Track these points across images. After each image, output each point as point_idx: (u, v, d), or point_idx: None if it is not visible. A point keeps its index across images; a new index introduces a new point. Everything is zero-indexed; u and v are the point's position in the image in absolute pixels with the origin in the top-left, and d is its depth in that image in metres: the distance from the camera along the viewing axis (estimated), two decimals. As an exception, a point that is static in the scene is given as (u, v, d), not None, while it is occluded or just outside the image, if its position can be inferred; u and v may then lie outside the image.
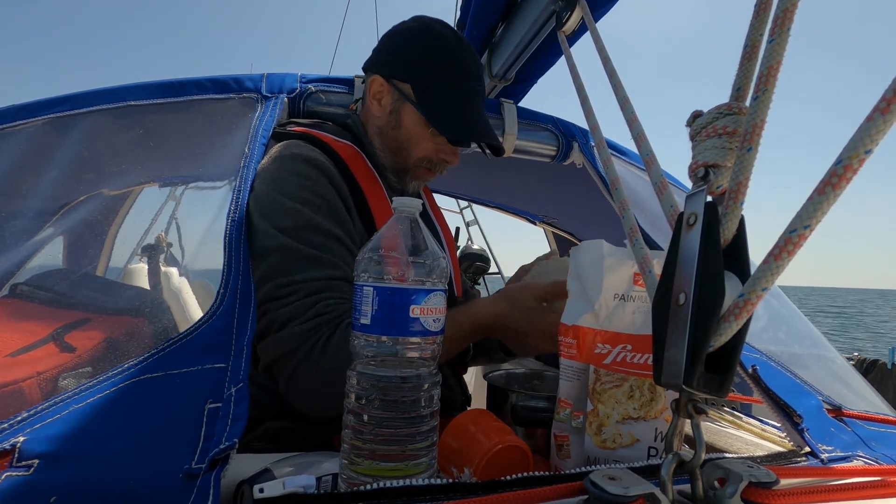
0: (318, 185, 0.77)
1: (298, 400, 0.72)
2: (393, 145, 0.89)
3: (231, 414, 0.50)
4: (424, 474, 0.53)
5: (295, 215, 0.74)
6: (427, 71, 0.85)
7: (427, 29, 0.87)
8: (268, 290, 0.70)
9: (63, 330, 0.69)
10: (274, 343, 0.70)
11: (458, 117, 0.86)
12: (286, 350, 0.70)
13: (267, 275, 0.71)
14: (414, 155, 0.89)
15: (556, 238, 2.28)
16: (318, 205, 0.76)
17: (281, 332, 0.70)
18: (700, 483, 0.45)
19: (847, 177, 0.33)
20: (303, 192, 0.75)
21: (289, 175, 0.76)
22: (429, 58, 0.86)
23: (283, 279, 0.71)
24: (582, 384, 0.67)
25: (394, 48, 0.88)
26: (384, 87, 0.87)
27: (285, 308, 0.70)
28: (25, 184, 0.83)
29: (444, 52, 0.86)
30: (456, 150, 0.91)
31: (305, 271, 0.72)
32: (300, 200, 0.75)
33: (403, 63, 0.87)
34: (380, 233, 0.56)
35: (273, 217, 0.73)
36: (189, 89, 0.91)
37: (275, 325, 0.70)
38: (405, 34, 0.88)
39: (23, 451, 0.43)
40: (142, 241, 1.24)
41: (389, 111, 0.88)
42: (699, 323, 0.40)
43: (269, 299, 0.70)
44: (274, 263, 0.71)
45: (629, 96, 0.65)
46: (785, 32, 0.39)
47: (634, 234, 0.57)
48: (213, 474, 0.45)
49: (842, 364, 1.00)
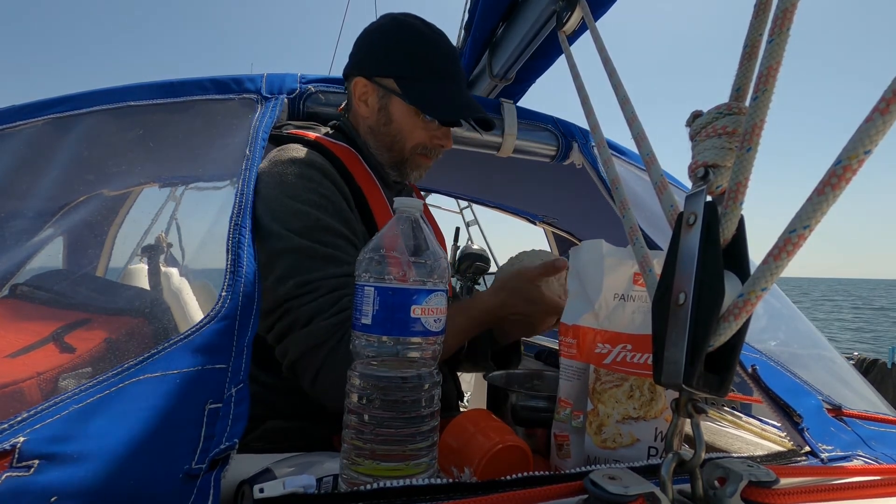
0: (322, 186, 0.78)
1: (326, 393, 0.72)
2: (387, 140, 0.91)
3: (231, 414, 0.50)
4: (425, 474, 0.53)
5: (304, 217, 0.75)
6: (406, 62, 0.88)
7: (397, 23, 0.89)
8: (288, 289, 0.71)
9: (63, 330, 0.69)
10: (300, 339, 0.71)
11: (444, 99, 0.88)
12: (314, 343, 0.70)
13: (284, 275, 0.72)
14: (408, 145, 0.91)
15: (555, 238, 2.28)
16: (324, 206, 0.77)
17: (308, 328, 0.70)
18: (700, 482, 0.45)
19: (846, 177, 0.33)
20: (309, 194, 0.77)
21: (293, 178, 0.77)
22: (405, 49, 0.88)
23: (302, 278, 0.72)
24: (582, 384, 0.68)
25: (369, 47, 0.90)
26: (368, 86, 0.89)
27: (308, 305, 0.71)
28: (25, 184, 0.83)
29: (417, 41, 0.88)
30: (448, 133, 0.93)
31: (323, 269, 0.73)
32: (308, 202, 0.76)
33: (382, 60, 0.88)
34: (381, 233, 0.56)
35: (284, 220, 0.74)
36: (189, 90, 0.91)
37: (300, 322, 0.71)
38: (378, 32, 0.90)
39: (23, 451, 0.43)
40: (142, 241, 1.24)
41: (378, 108, 0.89)
42: (699, 322, 0.41)
43: (290, 297, 0.71)
44: (290, 264, 0.72)
45: (629, 96, 0.66)
46: (785, 32, 0.40)
47: (634, 233, 0.57)
48: (213, 474, 0.45)
49: (842, 364, 1.00)
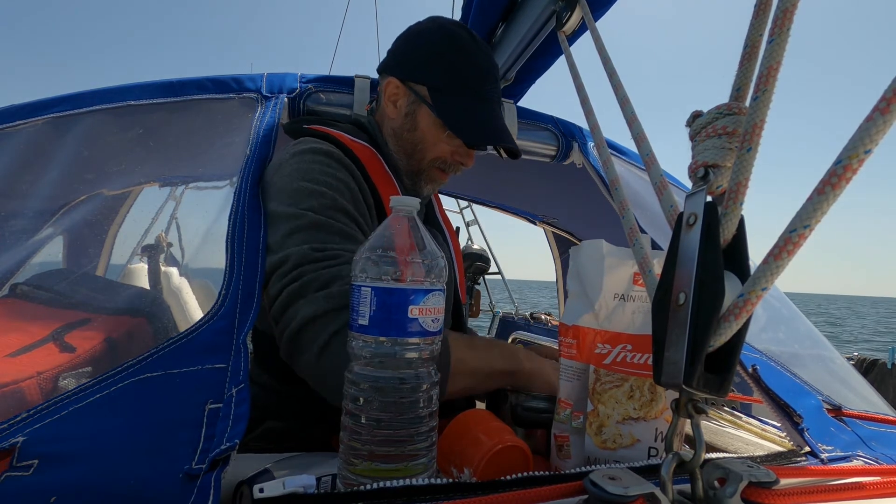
0: (340, 171, 0.76)
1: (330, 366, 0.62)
2: (408, 147, 0.89)
3: (232, 415, 0.50)
4: (423, 475, 0.53)
5: (321, 196, 0.72)
6: (442, 74, 0.85)
7: (443, 31, 0.87)
8: (303, 252, 0.66)
9: (63, 330, 0.69)
10: (316, 301, 0.64)
11: (474, 120, 0.85)
12: (332, 307, 0.63)
13: (301, 242, 0.67)
14: (428, 156, 0.89)
15: (555, 238, 2.28)
16: (341, 190, 0.75)
17: (328, 290, 0.64)
18: (700, 483, 0.45)
19: (847, 177, 0.33)
20: (326, 177, 0.74)
21: (310, 164, 0.75)
22: (444, 60, 0.85)
23: (321, 244, 0.68)
24: (582, 384, 0.67)
25: (409, 50, 0.88)
26: (400, 89, 0.87)
27: (328, 269, 0.66)
28: (25, 184, 0.83)
29: (460, 54, 0.86)
30: (471, 153, 0.90)
31: (341, 244, 0.70)
32: (324, 184, 0.73)
33: (419, 65, 0.86)
34: (377, 232, 0.55)
35: (300, 200, 0.71)
36: (189, 89, 0.91)
37: (315, 284, 0.65)
38: (421, 36, 0.88)
39: (23, 451, 0.43)
40: (142, 241, 1.23)
41: (405, 113, 0.88)
42: (699, 323, 0.41)
43: (305, 262, 0.66)
44: (306, 237, 0.68)
45: (629, 96, 0.65)
46: (785, 33, 0.40)
47: (634, 233, 0.57)
48: (213, 475, 0.45)
49: (842, 364, 1.00)
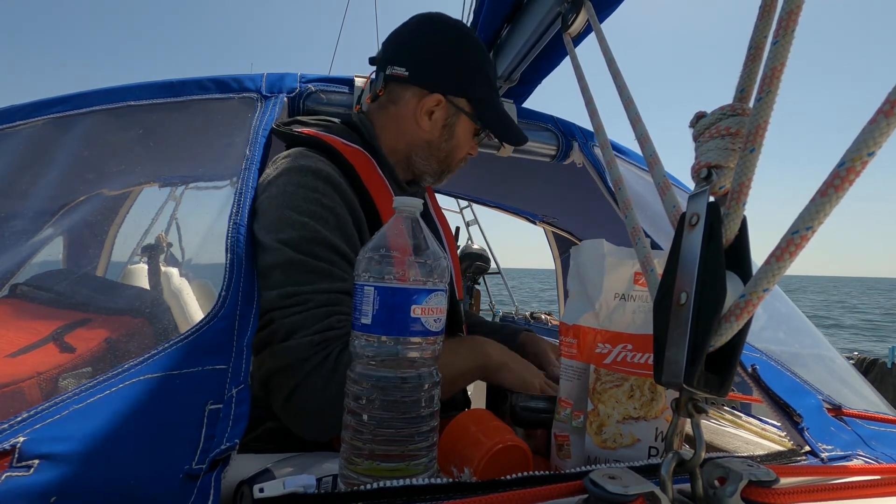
0: (326, 197, 0.74)
1: (295, 418, 0.67)
2: (442, 154, 0.94)
3: (232, 415, 0.50)
4: (424, 474, 0.53)
5: (301, 228, 0.71)
6: (480, 84, 0.92)
7: (469, 39, 0.91)
8: (272, 299, 0.67)
9: (63, 330, 0.69)
10: (277, 353, 0.65)
11: (507, 121, 0.95)
12: (291, 361, 0.65)
13: (272, 286, 0.68)
14: (457, 157, 0.96)
15: (555, 238, 2.28)
16: (325, 218, 0.73)
17: (286, 342, 0.65)
18: (700, 482, 0.45)
19: (850, 179, 0.33)
20: (310, 204, 0.73)
21: (296, 188, 0.73)
22: (481, 72, 0.91)
23: (291, 289, 0.68)
24: (582, 384, 0.67)
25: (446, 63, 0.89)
26: (441, 102, 0.90)
27: (292, 318, 0.66)
28: (25, 184, 0.83)
29: (486, 61, 0.92)
30: (477, 144, 0.99)
31: (314, 283, 0.69)
32: (307, 213, 0.72)
33: (462, 80, 0.90)
34: (380, 232, 0.55)
35: (279, 231, 0.71)
36: (189, 89, 0.91)
37: (279, 335, 0.66)
38: (454, 49, 0.90)
39: (23, 451, 0.43)
40: (142, 241, 1.23)
41: (443, 125, 0.91)
42: (700, 323, 0.41)
43: (274, 308, 0.67)
44: (280, 276, 0.68)
45: (633, 97, 0.65)
46: (789, 34, 0.40)
47: (637, 233, 0.57)
48: (213, 475, 0.45)
49: (842, 363, 1.00)
